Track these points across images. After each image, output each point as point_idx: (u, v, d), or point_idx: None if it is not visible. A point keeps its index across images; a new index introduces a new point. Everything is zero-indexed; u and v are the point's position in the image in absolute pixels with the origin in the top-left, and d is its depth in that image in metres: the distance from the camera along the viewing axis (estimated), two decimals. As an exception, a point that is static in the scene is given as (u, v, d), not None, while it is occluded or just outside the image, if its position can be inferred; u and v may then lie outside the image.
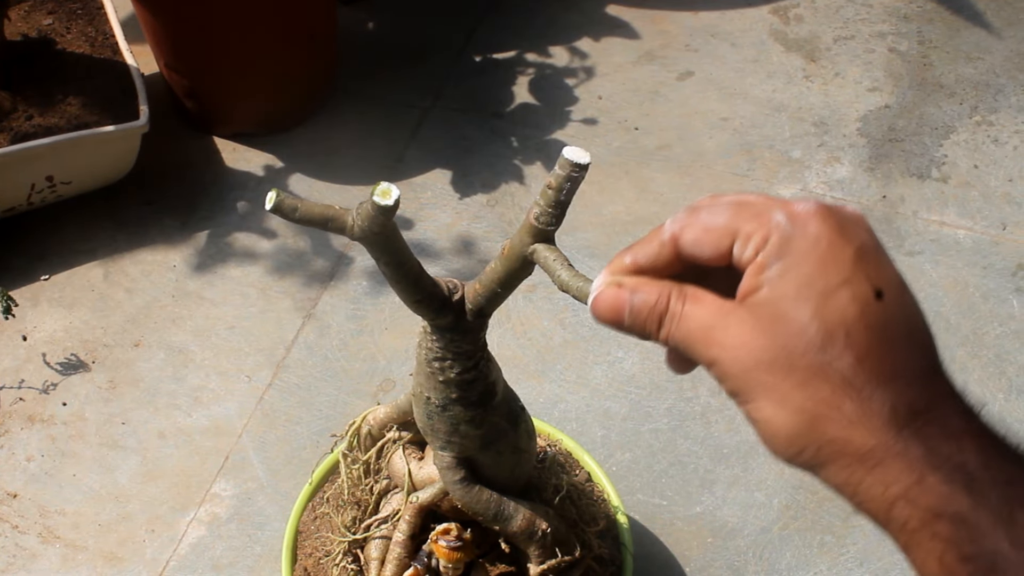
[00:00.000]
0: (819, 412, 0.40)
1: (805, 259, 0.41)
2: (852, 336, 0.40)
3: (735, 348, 0.41)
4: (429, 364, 0.71)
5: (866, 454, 0.39)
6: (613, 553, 0.95)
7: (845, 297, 0.40)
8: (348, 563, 0.90)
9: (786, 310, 0.40)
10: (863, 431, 0.39)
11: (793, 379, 0.40)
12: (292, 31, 1.53)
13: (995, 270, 1.43)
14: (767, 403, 0.41)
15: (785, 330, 0.40)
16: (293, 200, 0.53)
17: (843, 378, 0.39)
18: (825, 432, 0.40)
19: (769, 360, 0.40)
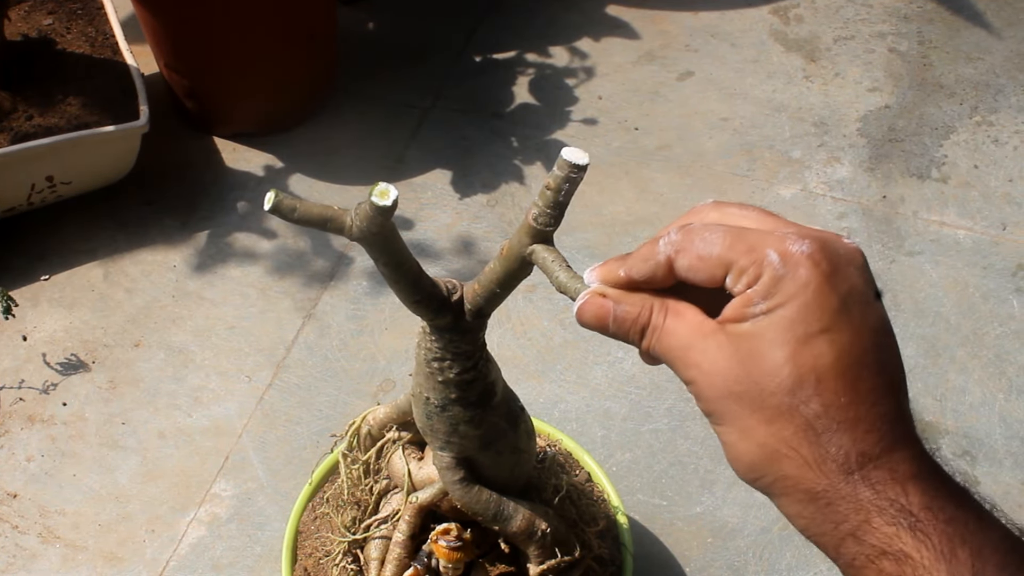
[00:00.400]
0: (778, 450, 0.42)
1: (791, 302, 0.42)
2: (822, 383, 0.42)
3: (711, 374, 0.44)
4: (428, 364, 0.71)
5: (818, 494, 0.42)
6: (613, 553, 0.95)
7: (822, 345, 0.42)
8: (348, 563, 0.90)
9: (764, 349, 0.42)
10: (816, 474, 0.42)
11: (760, 415, 0.43)
12: (292, 31, 1.54)
13: (995, 270, 1.43)
14: (734, 430, 0.44)
15: (760, 368, 0.43)
16: (292, 200, 0.53)
17: (806, 422, 0.42)
18: (781, 468, 0.43)
19: (740, 392, 0.43)
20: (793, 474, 0.42)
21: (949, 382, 1.30)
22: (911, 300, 1.39)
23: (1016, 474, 1.21)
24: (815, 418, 0.42)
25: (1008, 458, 1.22)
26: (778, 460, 0.43)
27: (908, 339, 1.35)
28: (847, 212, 1.51)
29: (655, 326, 0.46)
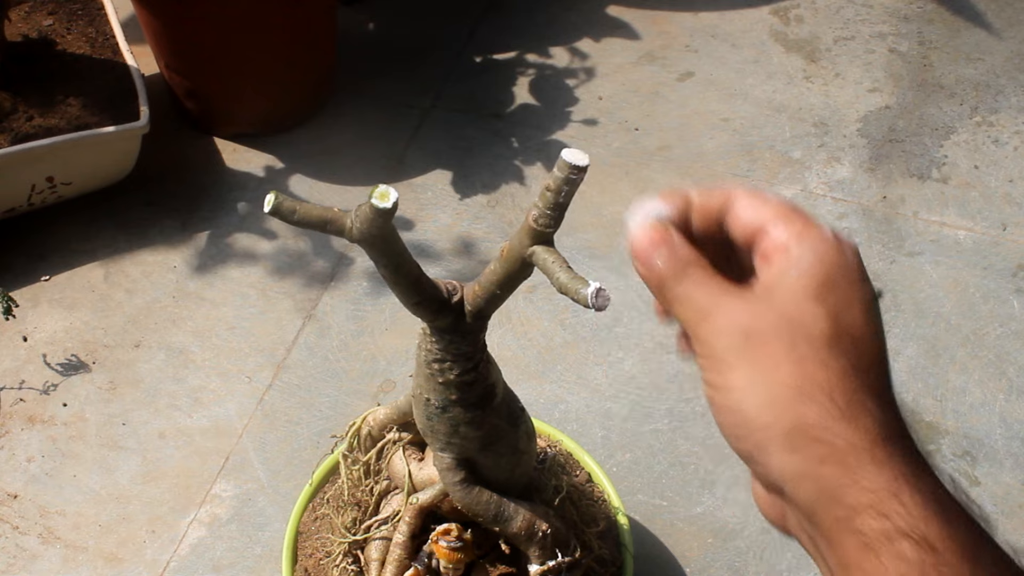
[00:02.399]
0: (807, 391, 0.38)
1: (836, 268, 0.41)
2: (859, 345, 0.39)
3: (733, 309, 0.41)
4: (428, 366, 0.71)
5: (846, 450, 0.37)
6: (613, 554, 0.95)
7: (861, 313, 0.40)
8: (348, 564, 0.90)
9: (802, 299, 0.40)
10: (849, 426, 0.38)
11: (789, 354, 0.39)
12: (292, 31, 1.54)
13: (995, 271, 1.43)
14: (748, 371, 0.39)
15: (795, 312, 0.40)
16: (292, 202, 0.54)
17: (843, 371, 0.38)
18: (805, 415, 0.38)
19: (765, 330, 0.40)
20: (820, 423, 0.37)
21: (949, 382, 1.30)
22: (911, 300, 1.39)
23: (1016, 474, 1.21)
24: (854, 372, 0.38)
25: (1008, 458, 1.22)
26: (801, 403, 0.38)
27: (908, 339, 1.35)
28: (847, 212, 1.51)
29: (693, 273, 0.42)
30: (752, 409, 0.39)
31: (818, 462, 0.37)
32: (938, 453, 1.23)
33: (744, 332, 0.40)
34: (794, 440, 0.38)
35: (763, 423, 0.38)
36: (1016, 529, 1.16)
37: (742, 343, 0.40)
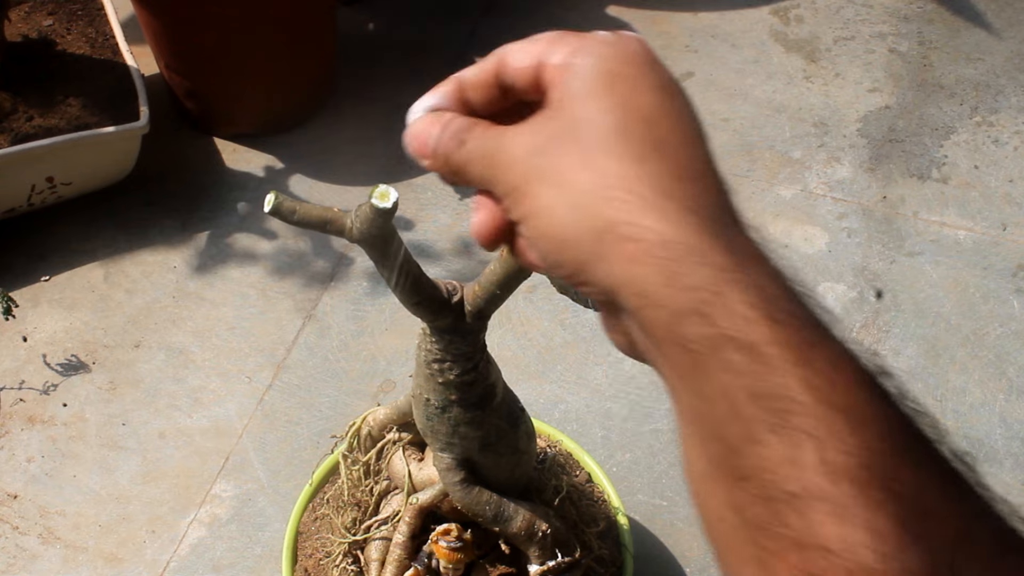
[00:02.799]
0: (608, 192, 0.34)
1: (620, 60, 0.37)
2: (656, 127, 0.35)
3: (519, 136, 0.37)
4: (428, 366, 0.71)
5: (659, 245, 0.33)
6: (613, 554, 0.95)
7: (658, 97, 0.36)
8: (348, 564, 0.90)
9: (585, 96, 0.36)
10: (658, 217, 0.33)
11: (583, 158, 0.35)
12: (292, 31, 1.54)
13: (995, 271, 1.43)
14: (549, 188, 0.36)
15: (584, 113, 0.36)
16: (292, 202, 0.54)
17: (639, 159, 0.34)
18: (613, 215, 0.34)
19: (559, 141, 0.36)
20: (626, 219, 0.33)
21: (949, 382, 1.30)
22: (911, 300, 1.39)
23: (1016, 474, 1.21)
24: (650, 156, 0.34)
25: (1008, 458, 1.22)
26: (606, 204, 0.34)
27: (908, 339, 1.35)
28: (847, 212, 1.51)
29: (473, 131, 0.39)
30: (559, 227, 0.35)
31: (629, 262, 0.33)
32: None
33: (532, 152, 0.36)
34: (603, 245, 0.34)
35: (574, 238, 0.35)
36: (1016, 529, 1.16)
37: (533, 164, 0.36)
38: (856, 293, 1.40)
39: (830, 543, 0.29)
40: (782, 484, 0.30)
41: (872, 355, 0.33)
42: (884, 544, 0.28)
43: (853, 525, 0.29)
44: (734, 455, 0.31)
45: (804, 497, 0.30)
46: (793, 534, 0.30)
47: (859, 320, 1.37)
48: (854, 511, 0.29)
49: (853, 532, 0.29)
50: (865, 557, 0.28)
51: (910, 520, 0.29)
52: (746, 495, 0.31)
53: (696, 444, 0.33)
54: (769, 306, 0.32)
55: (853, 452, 0.30)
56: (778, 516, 0.30)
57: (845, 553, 0.29)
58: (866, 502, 0.29)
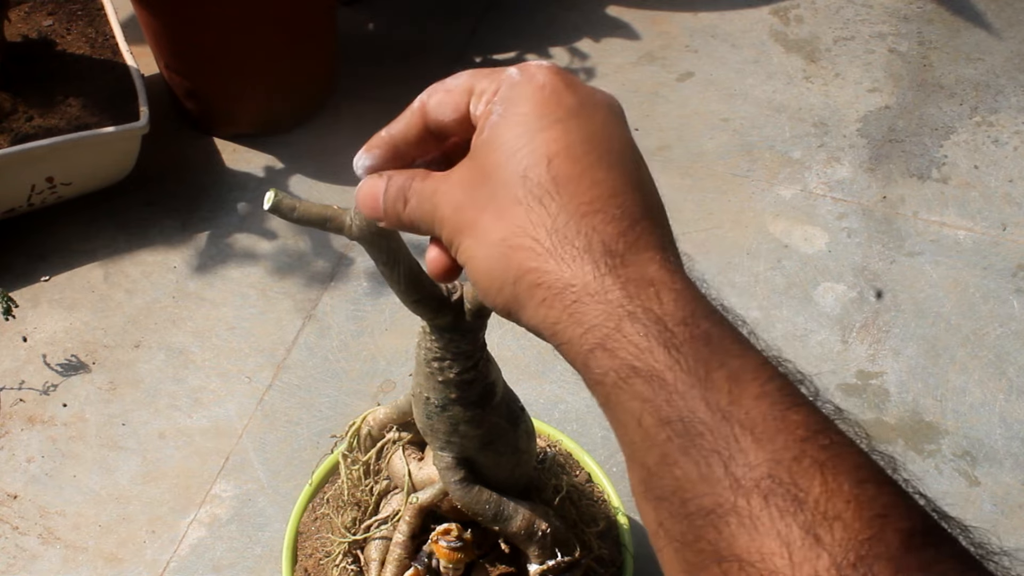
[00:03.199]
0: (514, 242, 0.38)
1: (527, 101, 0.40)
2: (554, 165, 0.38)
3: (449, 192, 0.41)
4: (428, 364, 0.71)
5: (562, 289, 0.36)
6: (613, 554, 0.95)
7: (557, 131, 0.39)
8: (348, 564, 0.90)
9: (499, 145, 0.39)
10: (557, 262, 0.37)
11: (494, 209, 0.38)
12: (292, 31, 1.54)
13: (995, 271, 1.43)
14: (471, 240, 0.39)
15: (494, 163, 0.39)
16: (291, 200, 0.53)
17: (539, 203, 0.37)
18: (521, 263, 0.37)
19: (475, 195, 0.39)
20: (533, 266, 0.37)
21: (949, 382, 1.30)
22: (911, 300, 1.39)
23: (1016, 474, 1.21)
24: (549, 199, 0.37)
25: (1008, 458, 1.22)
26: (517, 254, 0.37)
27: (908, 339, 1.34)
28: (847, 212, 1.51)
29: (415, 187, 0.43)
30: (484, 274, 0.39)
31: (542, 306, 0.37)
32: (938, 453, 1.23)
33: (456, 208, 0.40)
34: (519, 289, 0.38)
35: (497, 284, 0.39)
36: (1016, 529, 1.16)
37: (459, 219, 0.40)
38: (856, 293, 1.40)
39: (745, 554, 0.31)
40: (697, 502, 0.32)
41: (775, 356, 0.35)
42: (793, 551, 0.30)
43: (764, 535, 0.30)
44: (653, 477, 0.34)
45: (718, 512, 0.32)
46: (711, 548, 0.31)
47: (859, 320, 1.37)
48: (764, 521, 0.31)
49: (765, 542, 0.30)
50: (778, 565, 0.30)
51: (817, 525, 0.30)
52: (667, 514, 0.33)
53: (628, 466, 0.36)
54: (665, 334, 0.34)
55: (760, 464, 0.31)
56: (697, 532, 0.32)
57: (759, 563, 0.30)
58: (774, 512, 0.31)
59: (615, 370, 0.35)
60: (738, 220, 1.50)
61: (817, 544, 0.30)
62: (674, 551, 0.33)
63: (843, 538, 0.30)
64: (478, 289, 0.40)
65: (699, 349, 0.34)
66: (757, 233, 1.48)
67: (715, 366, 0.34)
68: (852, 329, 1.36)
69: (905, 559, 0.30)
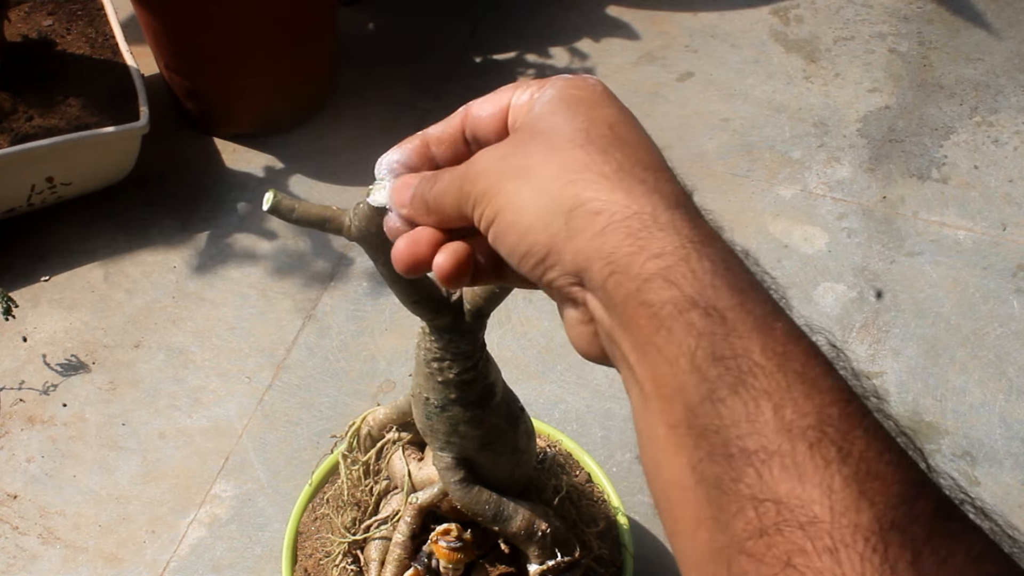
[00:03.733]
0: (576, 175, 0.37)
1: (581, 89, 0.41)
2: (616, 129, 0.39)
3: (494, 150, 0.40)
4: (428, 364, 0.71)
5: (628, 217, 0.35)
6: (613, 554, 0.95)
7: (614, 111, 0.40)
8: (348, 564, 0.90)
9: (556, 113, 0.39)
10: (626, 193, 0.36)
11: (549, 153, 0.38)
12: (292, 31, 1.54)
13: (995, 271, 1.43)
14: (516, 182, 0.38)
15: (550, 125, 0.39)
16: (290, 201, 0.53)
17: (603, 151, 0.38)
18: (580, 192, 0.36)
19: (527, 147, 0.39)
20: (593, 195, 0.36)
21: (949, 382, 1.30)
22: (911, 300, 1.39)
23: (1016, 474, 1.21)
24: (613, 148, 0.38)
25: (1008, 458, 1.22)
26: (574, 185, 0.36)
27: (908, 339, 1.34)
28: (847, 212, 1.51)
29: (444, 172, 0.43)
30: (527, 214, 0.37)
31: (600, 234, 0.36)
32: (938, 453, 1.23)
33: (499, 158, 0.39)
34: (573, 220, 0.36)
35: (542, 221, 0.37)
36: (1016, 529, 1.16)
37: (500, 167, 0.39)
38: (856, 293, 1.40)
39: (785, 498, 0.30)
40: (741, 441, 0.31)
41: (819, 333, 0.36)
42: (835, 501, 0.30)
43: (808, 482, 0.30)
44: (694, 414, 0.33)
45: (761, 454, 0.31)
46: (749, 490, 0.31)
47: (859, 320, 1.37)
48: (809, 469, 0.30)
49: (807, 488, 0.30)
50: (818, 512, 0.30)
51: (859, 480, 0.30)
52: (705, 453, 0.32)
53: (655, 411, 0.35)
54: (731, 276, 0.34)
55: (809, 414, 0.31)
56: (736, 472, 0.31)
57: (799, 508, 0.30)
58: (820, 461, 0.30)
59: (674, 302, 0.34)
60: (738, 220, 1.50)
61: (860, 497, 0.30)
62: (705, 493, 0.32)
63: (884, 496, 0.30)
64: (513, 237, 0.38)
65: (761, 300, 0.34)
66: (757, 233, 1.48)
67: (773, 319, 0.34)
68: (852, 329, 1.36)
69: (940, 524, 0.30)
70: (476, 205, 0.40)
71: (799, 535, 0.30)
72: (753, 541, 0.30)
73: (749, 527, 0.31)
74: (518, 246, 0.38)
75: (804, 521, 0.30)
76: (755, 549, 0.30)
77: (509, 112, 0.43)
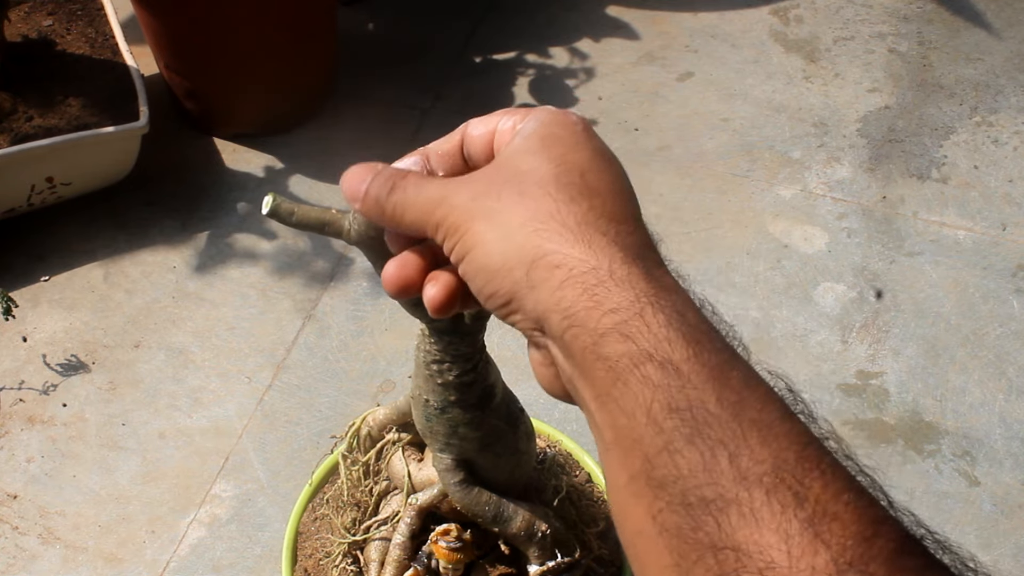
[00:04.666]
0: (540, 224, 0.38)
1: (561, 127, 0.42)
2: (588, 177, 0.40)
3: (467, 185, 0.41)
4: (427, 367, 0.71)
5: (585, 272, 0.37)
6: (613, 554, 0.95)
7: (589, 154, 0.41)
8: (348, 564, 0.90)
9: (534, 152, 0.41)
10: (584, 247, 0.37)
11: (519, 198, 0.39)
12: (292, 31, 1.54)
13: (995, 271, 1.43)
14: (484, 224, 0.39)
15: (527, 165, 0.40)
16: (289, 204, 0.53)
17: (571, 200, 0.38)
18: (542, 244, 0.37)
19: (501, 187, 0.40)
20: (554, 248, 0.37)
21: (949, 382, 1.30)
22: (911, 300, 1.39)
23: (1016, 474, 1.21)
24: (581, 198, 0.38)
25: (1008, 458, 1.22)
26: (537, 235, 0.38)
27: (908, 339, 1.34)
28: (847, 212, 1.51)
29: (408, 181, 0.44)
30: (493, 258, 0.39)
31: (559, 288, 0.37)
32: (938, 453, 1.23)
33: (474, 196, 0.40)
34: (534, 271, 0.37)
35: (506, 267, 0.38)
36: (1016, 529, 1.16)
37: (474, 206, 0.40)
38: (856, 293, 1.40)
39: (744, 544, 0.31)
40: (699, 491, 0.32)
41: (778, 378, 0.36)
42: (792, 545, 0.30)
43: (764, 528, 0.31)
44: (652, 466, 0.34)
45: (719, 502, 0.32)
46: (709, 539, 0.32)
47: (859, 320, 1.37)
48: (765, 515, 0.31)
49: (765, 534, 0.31)
50: (775, 557, 0.30)
51: (816, 522, 0.31)
52: (664, 503, 0.33)
53: (616, 460, 0.36)
54: (686, 328, 0.35)
55: (765, 460, 0.32)
56: (695, 521, 0.32)
57: (757, 555, 0.31)
58: (776, 506, 0.31)
59: (629, 356, 0.35)
60: (738, 220, 1.50)
61: (816, 540, 0.30)
62: (666, 543, 0.33)
63: (841, 537, 0.30)
64: (481, 278, 0.39)
65: (717, 349, 0.35)
66: (757, 233, 1.48)
67: (728, 368, 0.35)
68: (852, 329, 1.36)
69: (899, 561, 0.30)
70: (447, 237, 0.41)
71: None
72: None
73: (710, 574, 0.31)
74: (485, 287, 0.40)
75: (762, 567, 0.30)
76: None
77: (495, 135, 0.44)
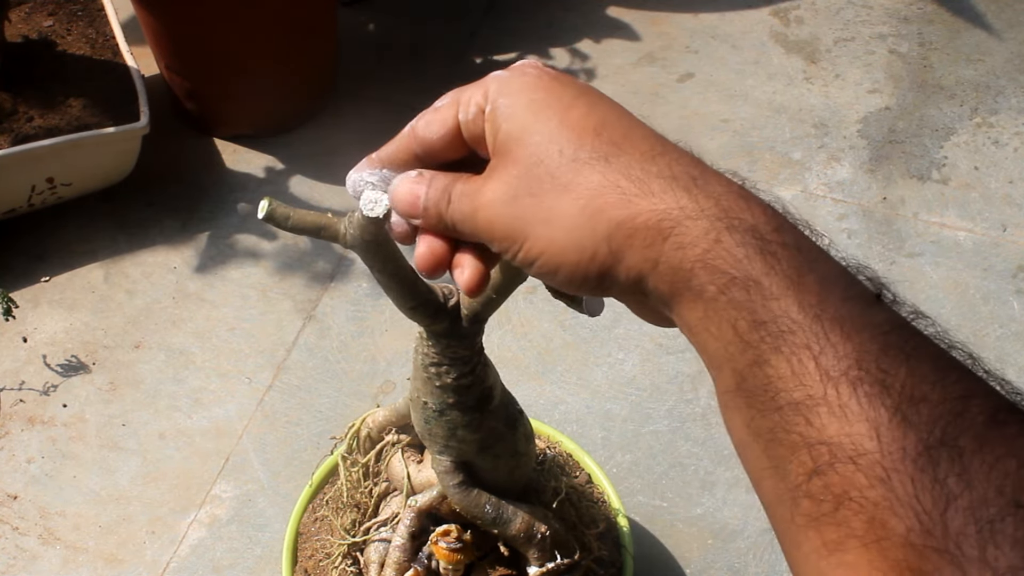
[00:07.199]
0: (598, 201, 0.38)
1: (533, 89, 0.41)
2: (604, 133, 0.39)
3: (495, 190, 0.40)
4: (426, 369, 0.71)
5: (660, 221, 0.37)
6: (613, 555, 0.95)
7: (584, 106, 0.40)
8: (348, 565, 0.90)
9: (529, 133, 0.40)
10: (649, 198, 0.37)
11: (557, 189, 0.39)
12: (292, 32, 1.54)
13: (995, 272, 1.43)
14: (542, 227, 0.39)
15: (533, 151, 0.40)
16: (285, 209, 0.53)
17: (606, 162, 0.38)
18: (611, 217, 0.38)
19: (528, 182, 0.39)
20: (624, 215, 0.37)
21: (949, 384, 1.30)
22: (911, 301, 1.39)
23: (1016, 476, 1.21)
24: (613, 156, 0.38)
25: (1008, 460, 1.22)
26: (601, 213, 0.38)
27: (908, 341, 1.34)
28: (847, 213, 1.51)
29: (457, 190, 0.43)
30: (570, 253, 0.39)
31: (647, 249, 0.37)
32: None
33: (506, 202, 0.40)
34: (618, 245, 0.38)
35: (588, 254, 0.39)
36: (1015, 530, 1.16)
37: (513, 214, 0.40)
38: (856, 294, 1.40)
39: (835, 438, 0.32)
40: (787, 395, 0.34)
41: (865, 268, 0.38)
42: (882, 431, 0.32)
43: (854, 420, 0.32)
44: (744, 379, 0.35)
45: (807, 403, 0.33)
46: (800, 438, 0.33)
47: (859, 321, 1.37)
48: (853, 408, 0.32)
49: (853, 425, 0.32)
50: (865, 444, 0.32)
51: (904, 407, 0.32)
52: (757, 412, 0.35)
53: (716, 381, 0.37)
54: (760, 243, 0.36)
55: (848, 355, 0.33)
56: (787, 423, 0.34)
57: (847, 444, 0.32)
58: (863, 398, 0.32)
59: (713, 282, 0.36)
60: (738, 221, 1.50)
61: (904, 423, 0.31)
62: (763, 448, 0.35)
63: (929, 417, 0.31)
64: (562, 274, 0.39)
65: (792, 255, 0.36)
66: (757, 234, 1.48)
67: (806, 270, 0.36)
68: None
69: (989, 434, 0.31)
70: (503, 250, 0.41)
71: (851, 469, 0.32)
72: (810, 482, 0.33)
73: (804, 469, 0.33)
74: (573, 278, 0.40)
75: (853, 455, 0.32)
76: (813, 489, 0.33)
77: (463, 129, 0.43)
